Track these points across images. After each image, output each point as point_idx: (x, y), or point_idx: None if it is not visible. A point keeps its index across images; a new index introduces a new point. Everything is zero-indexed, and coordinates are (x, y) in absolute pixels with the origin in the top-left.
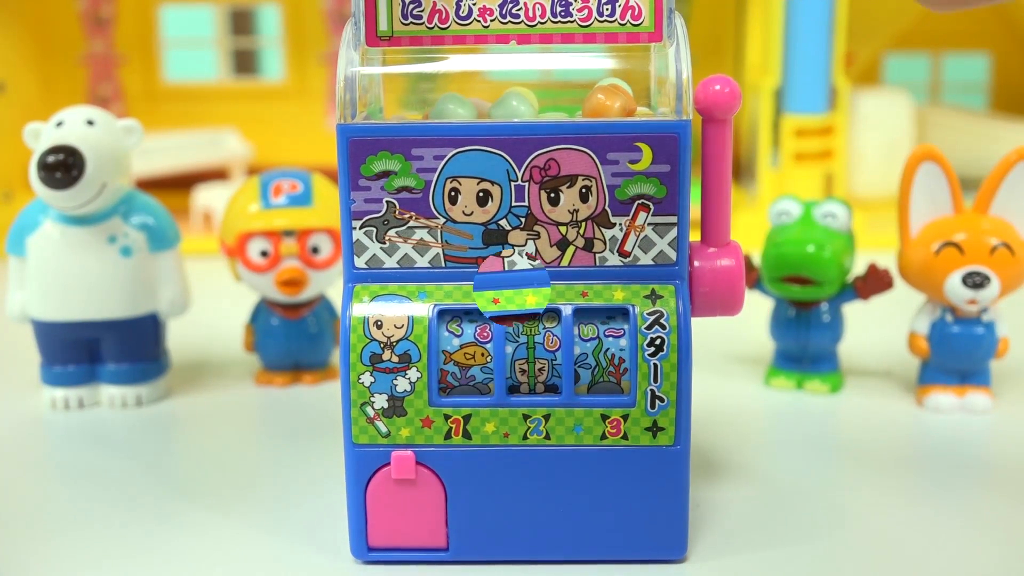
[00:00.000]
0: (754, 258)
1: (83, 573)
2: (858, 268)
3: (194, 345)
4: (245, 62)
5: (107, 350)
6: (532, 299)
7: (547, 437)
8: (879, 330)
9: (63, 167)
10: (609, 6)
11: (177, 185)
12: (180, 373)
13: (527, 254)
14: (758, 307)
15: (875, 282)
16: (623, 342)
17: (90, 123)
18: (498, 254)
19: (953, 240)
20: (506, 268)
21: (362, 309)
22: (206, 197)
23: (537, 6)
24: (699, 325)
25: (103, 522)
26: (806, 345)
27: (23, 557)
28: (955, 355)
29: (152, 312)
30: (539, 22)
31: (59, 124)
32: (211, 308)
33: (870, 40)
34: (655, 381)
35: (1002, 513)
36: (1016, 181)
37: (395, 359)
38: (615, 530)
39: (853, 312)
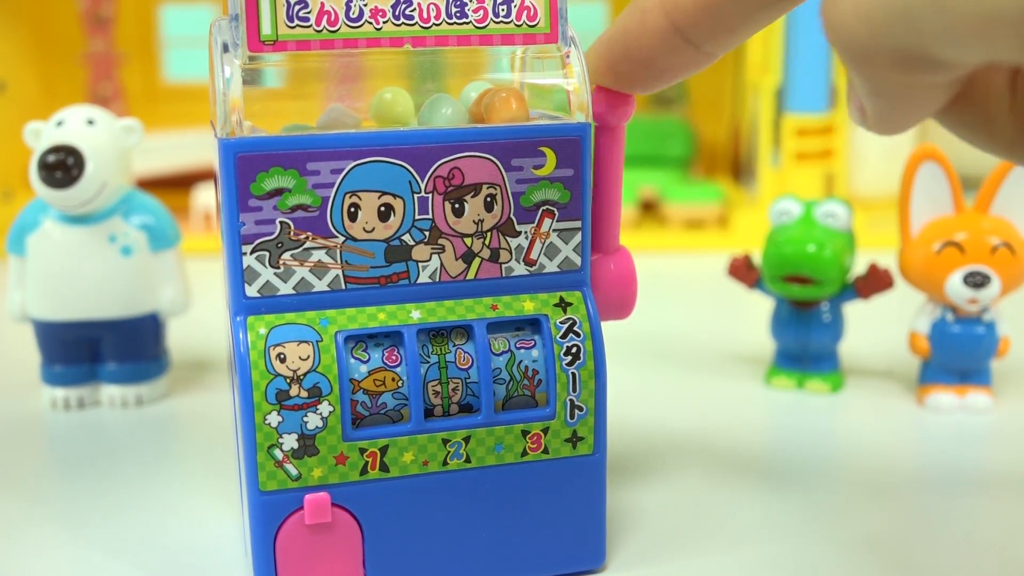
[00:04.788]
0: (754, 258)
1: (83, 571)
2: (859, 268)
3: (194, 345)
4: None
5: (107, 349)
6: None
7: (467, 460)
8: (880, 330)
9: (63, 166)
10: (505, 7)
11: (177, 185)
12: (180, 373)
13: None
14: (758, 307)
15: (875, 282)
16: (535, 353)
17: (90, 122)
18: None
19: (954, 240)
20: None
21: (261, 342)
22: (206, 197)
23: (431, 7)
24: (699, 325)
25: (103, 521)
26: (807, 344)
27: (23, 556)
28: (956, 355)
29: (152, 312)
30: (434, 23)
31: (59, 123)
32: (211, 308)
33: None
34: (574, 391)
35: (1002, 512)
36: (1017, 181)
37: (304, 394)
38: (536, 546)
39: (854, 312)
